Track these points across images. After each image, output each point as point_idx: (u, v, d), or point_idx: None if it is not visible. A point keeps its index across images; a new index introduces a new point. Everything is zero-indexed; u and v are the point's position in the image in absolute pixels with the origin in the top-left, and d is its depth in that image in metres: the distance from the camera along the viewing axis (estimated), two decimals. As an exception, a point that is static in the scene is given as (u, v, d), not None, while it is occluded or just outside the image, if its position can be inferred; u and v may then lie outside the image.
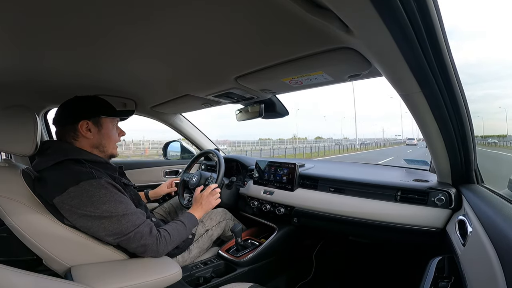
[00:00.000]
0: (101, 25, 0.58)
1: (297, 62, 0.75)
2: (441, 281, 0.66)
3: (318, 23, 0.52)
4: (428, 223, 0.90)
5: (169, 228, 0.90)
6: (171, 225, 0.93)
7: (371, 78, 0.85)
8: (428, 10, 0.44)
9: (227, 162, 1.53)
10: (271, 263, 1.22)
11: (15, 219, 0.72)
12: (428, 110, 0.68)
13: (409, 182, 1.03)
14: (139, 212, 0.83)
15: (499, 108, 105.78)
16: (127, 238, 0.78)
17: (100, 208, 0.74)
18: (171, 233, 0.88)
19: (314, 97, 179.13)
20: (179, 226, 0.94)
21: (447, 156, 0.81)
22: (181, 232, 0.94)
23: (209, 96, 1.18)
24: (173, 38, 0.65)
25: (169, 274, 0.79)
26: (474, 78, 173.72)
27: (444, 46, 0.52)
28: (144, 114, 1.60)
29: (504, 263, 0.43)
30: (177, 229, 0.93)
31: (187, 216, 1.01)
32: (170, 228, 0.91)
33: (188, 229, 0.97)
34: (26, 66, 0.83)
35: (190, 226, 0.99)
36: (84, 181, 0.74)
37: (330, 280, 1.41)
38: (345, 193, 1.11)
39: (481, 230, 0.56)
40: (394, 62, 0.57)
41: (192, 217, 1.02)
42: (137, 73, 0.92)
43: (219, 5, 0.51)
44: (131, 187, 0.96)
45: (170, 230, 0.89)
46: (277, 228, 1.28)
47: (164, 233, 0.87)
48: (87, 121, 0.86)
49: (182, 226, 0.95)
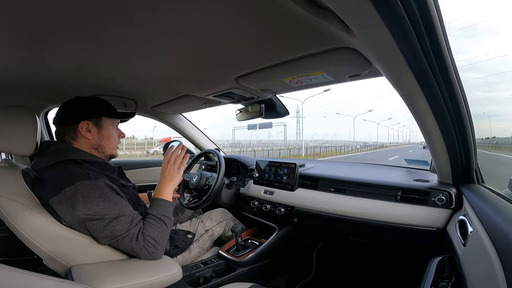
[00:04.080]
0: (102, 25, 0.58)
1: (298, 62, 0.75)
2: (442, 281, 0.66)
3: (318, 23, 0.52)
4: (429, 223, 0.89)
5: (149, 231, 0.81)
6: (148, 224, 0.82)
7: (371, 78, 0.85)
8: (429, 9, 0.44)
9: (227, 162, 1.53)
10: (272, 263, 1.22)
11: (15, 219, 0.72)
12: (428, 110, 0.68)
13: (409, 182, 1.02)
14: (135, 214, 0.81)
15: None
16: (116, 241, 0.77)
17: (93, 209, 0.73)
18: (153, 235, 0.81)
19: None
20: (155, 222, 0.84)
21: (448, 156, 0.81)
22: (160, 228, 0.84)
23: (209, 96, 1.18)
24: (173, 38, 0.65)
25: (169, 274, 0.79)
26: (499, 77, 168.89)
27: (445, 45, 0.52)
28: (144, 114, 1.60)
29: (504, 263, 0.43)
30: (155, 226, 0.83)
31: (156, 206, 0.88)
32: (149, 230, 0.81)
33: (165, 218, 0.86)
34: (26, 66, 0.83)
35: (164, 213, 0.86)
36: (79, 182, 0.74)
37: (331, 280, 1.41)
38: (345, 193, 1.11)
39: (481, 230, 0.56)
40: (394, 62, 0.57)
41: (161, 202, 0.89)
42: (138, 73, 0.92)
43: (219, 5, 0.51)
44: (130, 188, 0.95)
45: (150, 232, 0.81)
46: (278, 228, 1.28)
47: (146, 238, 0.80)
48: (88, 121, 0.86)
49: (157, 220, 0.84)
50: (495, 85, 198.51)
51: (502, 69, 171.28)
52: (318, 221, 1.18)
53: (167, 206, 0.90)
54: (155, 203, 0.89)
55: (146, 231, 0.81)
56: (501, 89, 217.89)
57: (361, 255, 1.48)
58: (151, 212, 0.86)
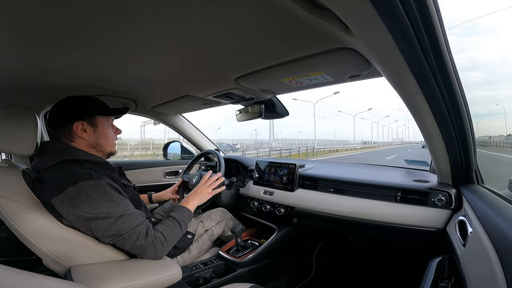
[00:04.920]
0: (102, 26, 0.58)
1: (297, 62, 0.75)
2: (441, 281, 0.66)
3: (318, 24, 0.52)
4: (428, 224, 0.89)
5: (162, 228, 0.86)
6: (164, 223, 0.89)
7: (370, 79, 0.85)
8: (428, 9, 0.44)
9: (227, 163, 1.52)
10: (271, 263, 1.22)
11: (15, 220, 0.72)
12: (428, 110, 0.68)
13: (409, 182, 1.03)
14: (137, 213, 0.82)
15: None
16: (122, 239, 0.77)
17: (97, 209, 0.74)
18: (165, 233, 0.84)
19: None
20: (172, 223, 0.89)
21: (447, 156, 0.81)
22: (175, 229, 0.89)
23: (209, 96, 1.18)
24: (173, 38, 0.65)
25: (169, 274, 0.79)
26: (501, 76, 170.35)
27: (444, 46, 0.52)
28: (144, 115, 1.61)
29: (504, 264, 0.43)
30: (171, 226, 0.88)
31: (179, 210, 0.96)
32: (163, 227, 0.86)
33: (182, 223, 0.92)
34: (27, 66, 0.83)
35: (184, 219, 0.93)
36: (82, 182, 0.74)
37: (330, 280, 1.41)
38: (345, 193, 1.11)
39: (481, 231, 0.56)
40: (394, 62, 0.57)
41: (184, 210, 0.97)
42: (137, 73, 0.93)
43: (219, 5, 0.51)
44: (131, 188, 0.95)
45: (163, 230, 0.85)
46: (277, 229, 1.27)
47: (158, 234, 0.83)
48: (82, 122, 0.85)
49: (175, 222, 0.90)
50: (496, 84, 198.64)
51: (504, 69, 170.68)
52: (317, 221, 1.18)
53: (188, 214, 0.98)
54: (179, 209, 0.97)
55: (159, 228, 0.85)
56: (502, 88, 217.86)
57: (361, 255, 1.48)
58: (173, 215, 0.93)
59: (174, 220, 0.91)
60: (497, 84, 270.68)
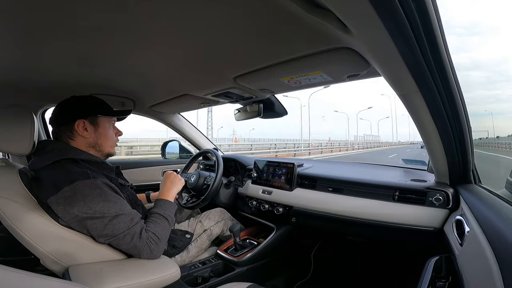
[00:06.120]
0: (100, 24, 0.57)
1: (296, 62, 0.75)
2: (439, 280, 0.67)
3: (317, 23, 0.52)
4: (426, 223, 0.90)
5: (152, 228, 0.84)
6: (152, 222, 0.87)
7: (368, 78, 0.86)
8: (427, 10, 0.44)
9: (226, 162, 1.52)
10: (270, 262, 1.23)
11: (12, 219, 0.72)
12: (426, 110, 0.68)
13: (407, 182, 1.03)
14: (134, 213, 0.82)
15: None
16: (117, 239, 0.77)
17: (92, 208, 0.74)
18: (156, 232, 0.84)
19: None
20: (160, 220, 0.88)
21: (445, 156, 0.82)
22: (164, 226, 0.88)
23: (208, 95, 1.18)
24: (172, 37, 0.64)
25: (167, 274, 0.79)
26: (504, 75, 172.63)
27: (443, 46, 0.52)
28: (143, 114, 1.60)
29: (501, 263, 0.44)
30: (160, 224, 0.87)
31: (161, 206, 0.94)
32: (153, 227, 0.85)
33: (169, 217, 0.91)
34: (23, 65, 0.82)
35: (169, 213, 0.92)
36: (78, 181, 0.74)
37: (328, 279, 1.42)
38: (343, 193, 1.11)
39: (478, 230, 0.56)
40: (392, 62, 0.57)
41: (166, 203, 0.95)
42: (136, 72, 0.92)
43: (218, 4, 0.51)
44: (128, 188, 0.95)
45: (154, 229, 0.84)
46: (276, 228, 1.28)
47: (150, 234, 0.82)
48: (84, 120, 0.85)
49: (162, 219, 0.89)
50: (499, 84, 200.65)
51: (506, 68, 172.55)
52: (316, 220, 1.18)
53: (171, 207, 0.96)
54: (160, 203, 0.95)
55: (150, 228, 0.84)
56: (504, 87, 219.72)
57: (359, 254, 1.48)
58: (157, 211, 0.91)
59: (160, 217, 0.89)
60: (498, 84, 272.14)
